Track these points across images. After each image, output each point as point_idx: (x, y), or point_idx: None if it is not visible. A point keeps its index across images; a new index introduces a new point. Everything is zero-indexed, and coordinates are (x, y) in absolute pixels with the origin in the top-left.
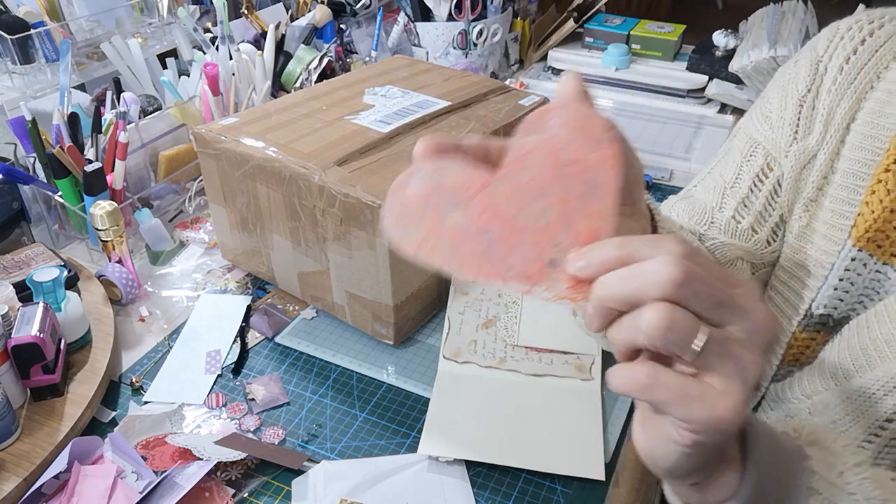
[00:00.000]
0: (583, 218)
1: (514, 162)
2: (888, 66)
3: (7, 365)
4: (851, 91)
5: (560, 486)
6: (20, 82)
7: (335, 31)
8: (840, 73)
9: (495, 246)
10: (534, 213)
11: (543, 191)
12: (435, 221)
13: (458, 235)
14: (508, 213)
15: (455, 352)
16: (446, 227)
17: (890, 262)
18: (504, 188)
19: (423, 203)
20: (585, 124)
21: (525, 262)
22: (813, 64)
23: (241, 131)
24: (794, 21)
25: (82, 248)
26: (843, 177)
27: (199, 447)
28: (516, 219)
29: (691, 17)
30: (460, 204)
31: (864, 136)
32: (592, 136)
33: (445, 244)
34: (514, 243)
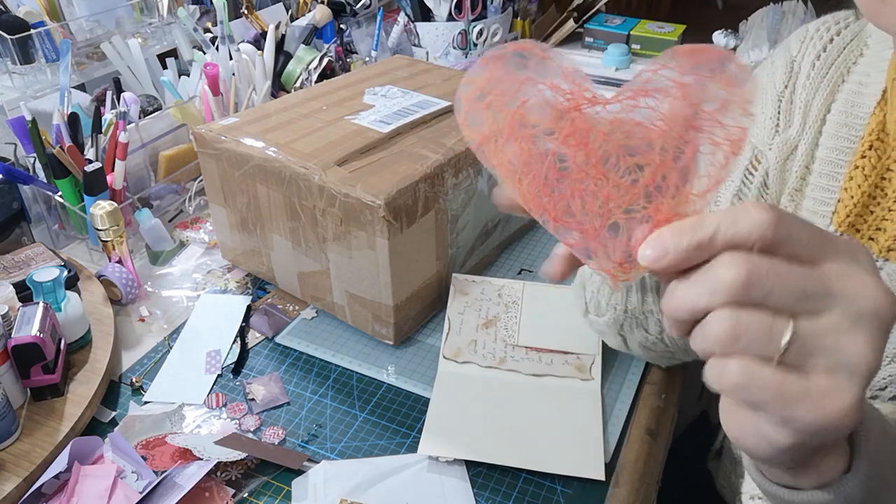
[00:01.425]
0: (675, 195)
1: (633, 94)
2: (856, 62)
3: (7, 365)
4: (825, 85)
5: (560, 486)
6: (20, 82)
7: (335, 31)
8: (812, 68)
9: (565, 180)
10: (625, 163)
11: (648, 143)
12: (514, 120)
13: (531, 148)
14: (597, 150)
15: (455, 352)
16: (524, 132)
17: (868, 244)
18: (606, 119)
19: (513, 89)
20: (735, 91)
21: (586, 214)
22: (788, 63)
23: (241, 131)
24: (794, 21)
25: (82, 248)
26: (823, 165)
27: (199, 447)
28: (602, 160)
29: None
30: (551, 114)
31: (839, 125)
32: (733, 107)
33: (513, 151)
34: (586, 187)
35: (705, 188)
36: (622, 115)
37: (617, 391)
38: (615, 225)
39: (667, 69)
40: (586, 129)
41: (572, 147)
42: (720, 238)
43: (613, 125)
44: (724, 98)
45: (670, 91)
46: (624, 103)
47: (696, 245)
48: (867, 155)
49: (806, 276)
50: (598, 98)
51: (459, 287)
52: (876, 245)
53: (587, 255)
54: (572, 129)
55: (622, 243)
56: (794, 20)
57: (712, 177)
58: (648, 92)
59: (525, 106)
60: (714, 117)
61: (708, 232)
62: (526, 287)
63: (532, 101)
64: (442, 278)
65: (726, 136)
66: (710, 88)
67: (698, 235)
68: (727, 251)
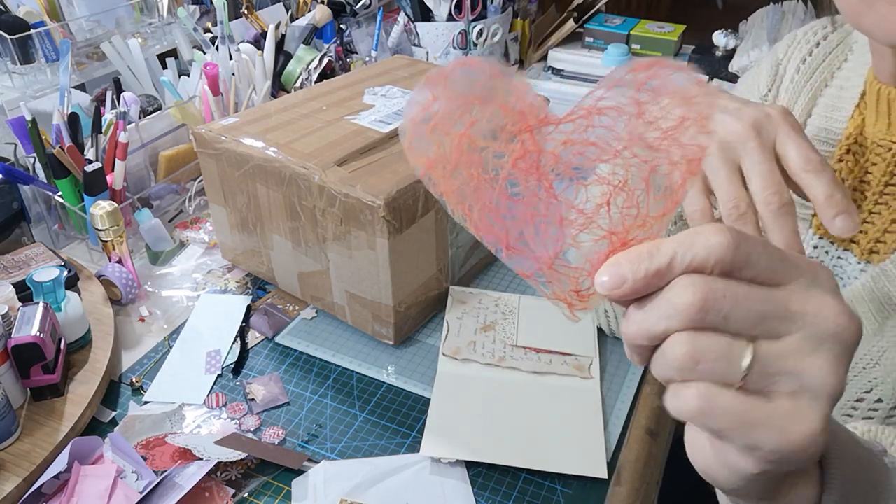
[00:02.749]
0: (631, 219)
1: (586, 112)
2: (840, 67)
3: (7, 365)
4: (808, 89)
5: (560, 485)
6: (20, 82)
7: (335, 31)
8: (797, 72)
9: (517, 206)
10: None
11: (601, 164)
12: (462, 143)
13: (480, 173)
14: (549, 174)
15: (455, 350)
16: (472, 157)
17: (849, 248)
18: (558, 140)
19: (458, 111)
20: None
21: (540, 241)
22: (773, 66)
23: (241, 131)
24: (794, 21)
25: (82, 248)
26: None
27: (199, 447)
28: (556, 184)
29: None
30: (500, 135)
31: (819, 128)
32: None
33: (461, 177)
34: (539, 213)
35: (662, 210)
36: (575, 136)
37: (617, 391)
38: (569, 252)
39: (622, 86)
40: (538, 151)
41: (523, 171)
42: (677, 263)
43: (566, 146)
44: (681, 115)
45: (626, 108)
46: (577, 122)
47: (654, 272)
48: (844, 159)
49: (765, 299)
50: (551, 118)
51: (457, 297)
52: (857, 248)
53: (543, 284)
54: (523, 151)
55: (578, 270)
56: (794, 20)
57: (669, 198)
58: (602, 110)
59: (473, 128)
60: (671, 136)
61: (665, 258)
62: (522, 299)
63: (480, 122)
64: (442, 278)
65: (684, 154)
66: (667, 105)
67: (656, 262)
68: (684, 275)
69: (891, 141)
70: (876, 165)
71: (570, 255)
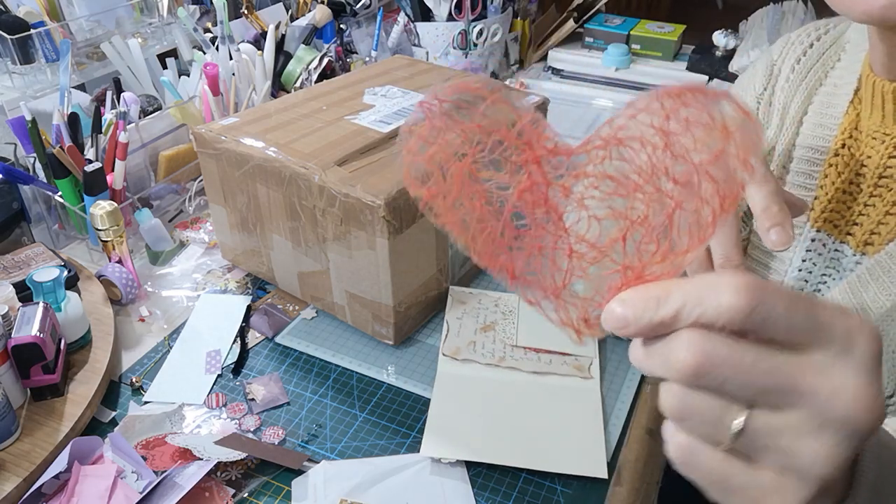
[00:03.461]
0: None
1: (603, 143)
2: (834, 66)
3: (7, 365)
4: (803, 88)
5: (560, 485)
6: (20, 82)
7: (335, 31)
8: (792, 72)
9: (524, 238)
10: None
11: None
12: (463, 174)
13: (483, 205)
14: (559, 206)
15: (454, 350)
16: (475, 188)
17: (845, 240)
18: (570, 173)
19: (457, 140)
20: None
21: (547, 272)
22: (768, 67)
23: (241, 131)
24: (794, 21)
25: (82, 248)
26: (799, 164)
27: (199, 447)
28: (566, 216)
29: (691, 17)
30: (504, 166)
31: (815, 125)
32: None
33: (465, 207)
34: (547, 244)
35: (686, 247)
36: (589, 168)
37: (617, 391)
38: (579, 283)
39: (646, 114)
40: (546, 184)
41: (529, 203)
42: (683, 318)
43: (578, 178)
44: (718, 149)
45: (650, 140)
46: (592, 154)
47: (657, 323)
48: (840, 153)
49: (771, 370)
50: (561, 147)
51: (457, 297)
52: (853, 240)
53: (551, 312)
54: (529, 183)
55: (587, 301)
56: (794, 20)
57: (695, 236)
58: (623, 141)
59: (474, 158)
60: (704, 171)
61: (671, 310)
62: (522, 300)
63: (482, 152)
64: (442, 278)
65: (716, 191)
66: (702, 137)
67: (661, 313)
68: (688, 329)
69: (885, 133)
70: (871, 158)
71: (579, 286)
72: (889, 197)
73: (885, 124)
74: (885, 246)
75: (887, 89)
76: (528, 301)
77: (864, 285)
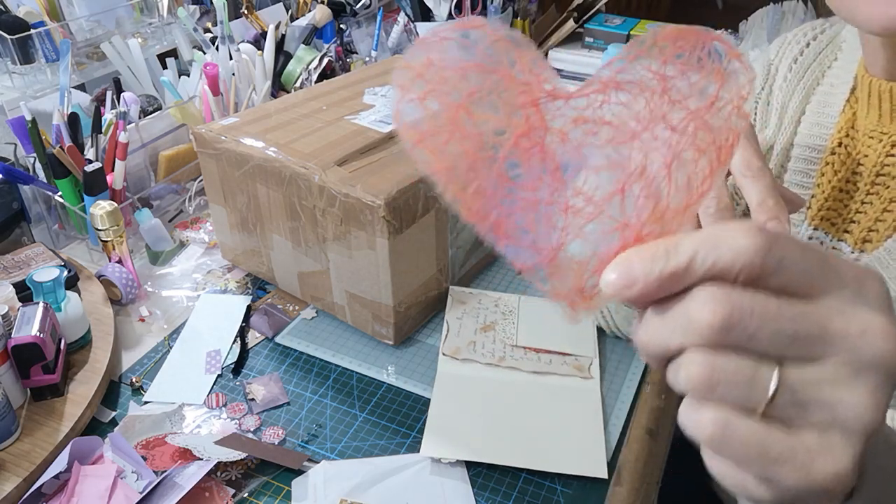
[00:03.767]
0: (648, 210)
1: (602, 87)
2: (831, 65)
3: (7, 365)
4: (801, 87)
5: (560, 485)
6: (20, 82)
7: (335, 31)
8: (789, 71)
9: (517, 190)
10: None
11: (617, 147)
12: (458, 115)
13: (476, 150)
14: (555, 154)
15: (455, 350)
16: (469, 130)
17: (843, 238)
18: (568, 117)
19: (454, 77)
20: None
21: (541, 231)
22: (766, 67)
23: (241, 131)
24: (794, 21)
25: (82, 248)
26: (797, 162)
27: (199, 447)
28: (562, 167)
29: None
30: (501, 108)
31: (812, 124)
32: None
33: (455, 153)
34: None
35: (685, 203)
36: (588, 113)
37: (617, 391)
38: (575, 244)
39: (645, 57)
40: (543, 129)
41: (526, 150)
42: (698, 267)
43: (577, 124)
44: (713, 94)
45: (648, 84)
46: (591, 98)
47: (669, 274)
48: (836, 151)
49: (798, 316)
50: (560, 91)
51: (457, 297)
52: (851, 237)
53: (542, 280)
54: (527, 128)
55: (583, 265)
56: (794, 20)
57: (694, 190)
58: (621, 85)
59: (471, 98)
60: (701, 117)
61: (684, 259)
62: (522, 299)
63: (479, 93)
64: (442, 278)
65: (713, 140)
66: (698, 82)
67: (672, 263)
68: (705, 283)
69: (881, 132)
70: (867, 157)
71: (574, 247)
72: (886, 194)
73: (882, 123)
74: (883, 243)
75: (884, 89)
76: (518, 266)
77: None
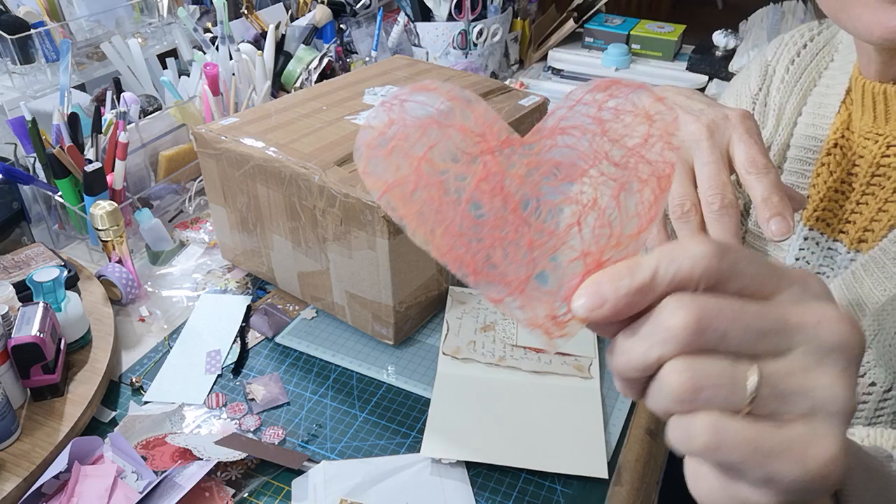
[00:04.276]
0: (605, 238)
1: (549, 133)
2: (827, 67)
3: (7, 365)
4: (798, 88)
5: (560, 485)
6: (20, 82)
7: (335, 31)
8: (786, 72)
9: (482, 229)
10: (546, 206)
11: (569, 183)
12: (421, 165)
13: (441, 196)
14: (514, 195)
15: (455, 350)
16: (432, 179)
17: (839, 238)
18: (522, 161)
19: (415, 133)
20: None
21: (510, 265)
22: (763, 68)
23: (241, 131)
24: (794, 21)
25: (82, 248)
26: (793, 163)
27: (199, 447)
28: (522, 205)
29: (691, 17)
30: (461, 158)
31: (808, 125)
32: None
33: (422, 200)
34: (507, 235)
35: (637, 229)
36: (539, 157)
37: (617, 391)
38: (543, 275)
39: (583, 105)
40: (501, 173)
41: (487, 192)
42: (661, 278)
43: (530, 167)
44: (646, 132)
45: (588, 128)
46: (541, 143)
47: (636, 289)
48: (832, 152)
49: (761, 313)
50: (513, 138)
51: (457, 297)
52: (847, 237)
53: (516, 310)
54: (486, 172)
55: (553, 293)
56: (794, 20)
57: (643, 216)
58: (565, 130)
59: (432, 150)
60: (638, 153)
61: (647, 273)
62: (484, 299)
63: (439, 145)
64: (442, 278)
65: (653, 172)
66: (631, 123)
67: (637, 278)
68: (671, 295)
69: (877, 133)
70: (863, 158)
71: (541, 278)
72: (882, 195)
73: (878, 125)
74: (878, 242)
75: (878, 91)
76: (491, 299)
77: (860, 281)
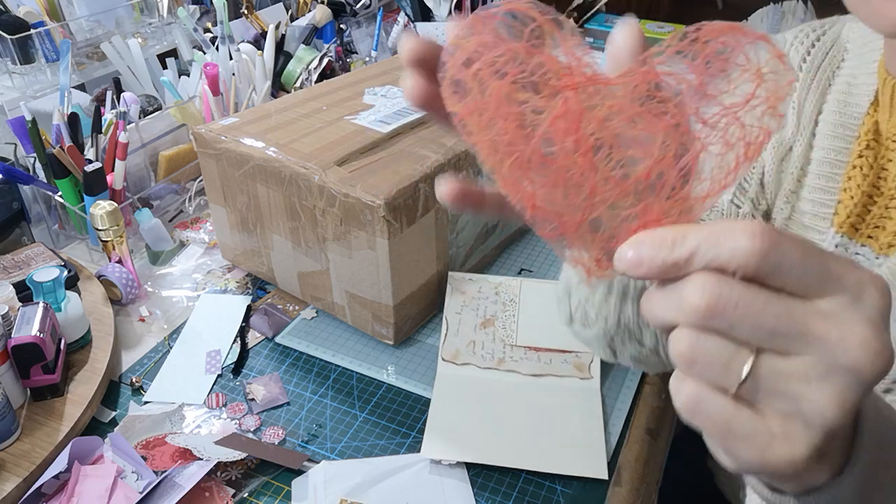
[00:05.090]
0: (669, 196)
1: (640, 75)
2: (840, 66)
3: (7, 365)
4: (815, 86)
5: (560, 486)
6: (20, 82)
7: (335, 31)
8: (801, 70)
9: (549, 167)
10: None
11: (649, 134)
12: (502, 94)
13: (516, 128)
14: (588, 137)
15: (454, 353)
16: (510, 109)
17: (867, 243)
18: (605, 103)
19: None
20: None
21: (567, 206)
22: None
23: (241, 131)
24: (794, 21)
25: (82, 248)
26: (819, 166)
27: (199, 447)
28: (593, 149)
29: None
30: (543, 90)
31: (833, 125)
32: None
33: (497, 129)
34: (572, 177)
35: (706, 192)
36: (624, 100)
37: (617, 391)
38: (597, 220)
39: (686, 50)
40: (580, 112)
41: (561, 131)
42: (697, 260)
43: (612, 110)
44: (750, 92)
45: (685, 77)
46: (628, 85)
47: (671, 263)
48: (864, 154)
49: (782, 315)
50: (600, 77)
51: (456, 285)
52: (875, 242)
53: (563, 247)
54: (564, 109)
55: (602, 239)
56: (794, 20)
57: (717, 181)
58: (659, 75)
59: (515, 79)
60: (733, 113)
61: (685, 252)
62: (523, 284)
63: (523, 73)
64: (442, 278)
65: (743, 136)
66: (736, 79)
67: (675, 254)
68: (700, 272)
69: None
70: (892, 161)
71: (597, 223)
72: None
73: None
74: None
75: None
76: (543, 235)
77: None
